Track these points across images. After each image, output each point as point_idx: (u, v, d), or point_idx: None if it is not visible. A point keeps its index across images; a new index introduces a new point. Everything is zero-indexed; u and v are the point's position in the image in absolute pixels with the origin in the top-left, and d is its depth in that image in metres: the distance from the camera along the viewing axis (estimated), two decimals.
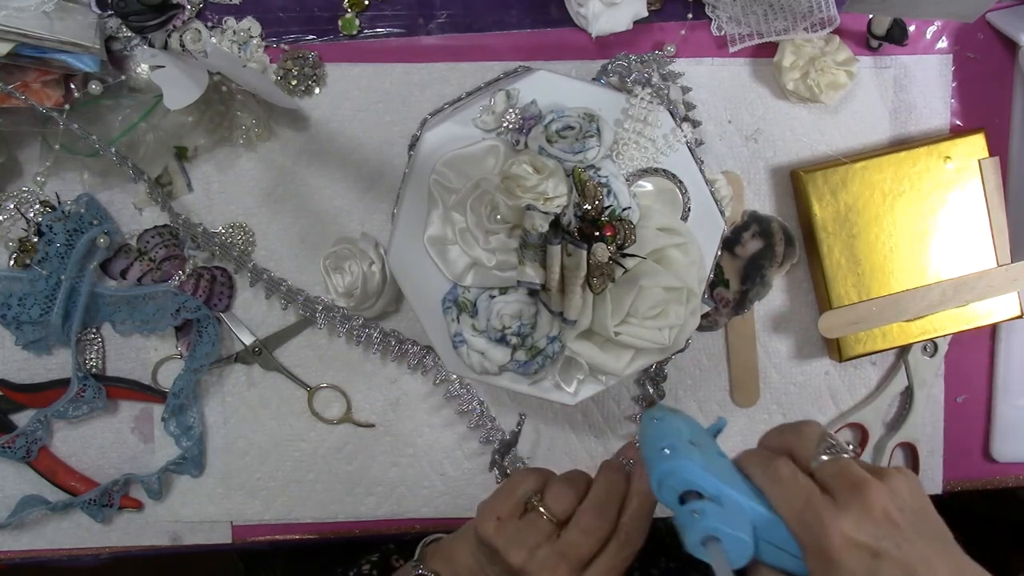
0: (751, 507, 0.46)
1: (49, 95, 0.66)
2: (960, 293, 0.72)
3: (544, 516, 0.55)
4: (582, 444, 0.77)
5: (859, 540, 0.43)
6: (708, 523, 0.45)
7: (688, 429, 0.51)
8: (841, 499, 0.44)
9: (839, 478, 0.45)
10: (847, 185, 0.72)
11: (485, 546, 0.56)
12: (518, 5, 0.72)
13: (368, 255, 0.70)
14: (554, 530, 0.54)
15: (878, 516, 0.43)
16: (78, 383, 0.71)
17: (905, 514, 0.44)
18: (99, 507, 0.74)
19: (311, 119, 0.73)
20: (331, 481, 0.76)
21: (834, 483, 0.45)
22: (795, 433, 0.49)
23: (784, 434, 0.50)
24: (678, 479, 0.47)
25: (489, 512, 0.56)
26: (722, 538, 0.45)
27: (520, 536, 0.54)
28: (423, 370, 0.74)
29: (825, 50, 0.71)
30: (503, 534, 0.55)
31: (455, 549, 0.60)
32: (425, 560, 0.62)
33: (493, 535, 0.55)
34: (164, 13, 0.66)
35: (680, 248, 0.60)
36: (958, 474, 0.80)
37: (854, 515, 0.43)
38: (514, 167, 0.57)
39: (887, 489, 0.44)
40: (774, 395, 0.77)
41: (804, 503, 0.45)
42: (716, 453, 0.50)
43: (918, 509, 0.45)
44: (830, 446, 0.47)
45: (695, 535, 0.45)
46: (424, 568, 0.60)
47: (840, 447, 0.47)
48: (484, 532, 0.55)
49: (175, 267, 0.72)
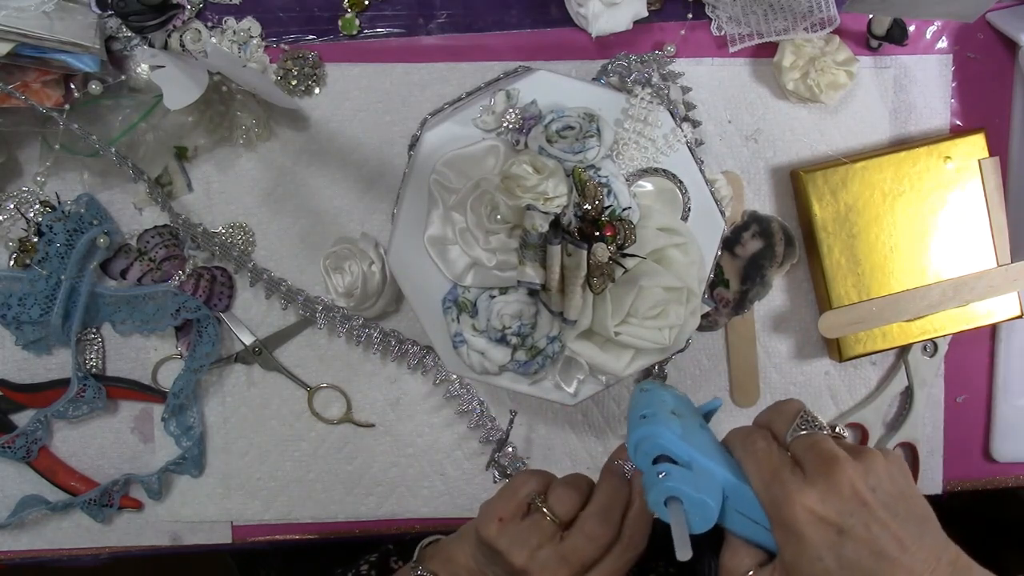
0: (722, 475, 0.47)
1: (49, 95, 0.66)
2: (960, 293, 0.72)
3: (547, 517, 0.55)
4: (582, 444, 0.77)
5: (823, 515, 0.43)
6: (671, 484, 0.46)
7: (673, 401, 0.52)
8: (809, 472, 0.44)
9: (810, 452, 0.45)
10: (847, 185, 0.72)
11: (486, 547, 0.56)
12: (518, 5, 0.72)
13: (368, 255, 0.70)
14: (557, 531, 0.54)
15: (846, 493, 0.43)
16: (78, 383, 0.71)
17: (878, 494, 0.44)
18: (99, 507, 0.74)
19: (311, 119, 0.73)
20: (331, 481, 0.76)
21: (804, 456, 0.45)
22: (776, 410, 0.50)
23: (768, 411, 0.50)
24: (651, 443, 0.48)
25: (491, 513, 0.56)
26: (684, 500, 0.46)
27: (523, 537, 0.54)
28: (423, 370, 0.74)
29: (825, 50, 0.71)
30: (505, 535, 0.55)
31: (454, 550, 0.60)
32: (424, 561, 0.61)
33: (495, 536, 0.55)
34: (164, 13, 0.66)
35: (680, 248, 0.60)
36: (958, 474, 0.80)
37: (819, 489, 0.43)
38: (514, 167, 0.57)
39: (860, 467, 0.44)
40: (774, 395, 0.77)
41: (772, 474, 0.45)
42: (698, 426, 0.51)
43: (897, 492, 0.45)
44: (806, 421, 0.47)
45: (657, 495, 0.47)
46: (423, 569, 0.60)
47: (817, 423, 0.47)
48: (486, 533, 0.55)
49: (175, 267, 0.72)
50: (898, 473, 0.46)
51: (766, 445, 0.47)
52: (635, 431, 0.49)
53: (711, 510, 0.46)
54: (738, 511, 0.47)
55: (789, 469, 0.45)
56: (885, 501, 0.44)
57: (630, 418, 0.52)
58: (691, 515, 0.46)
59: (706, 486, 0.47)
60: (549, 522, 0.54)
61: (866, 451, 0.46)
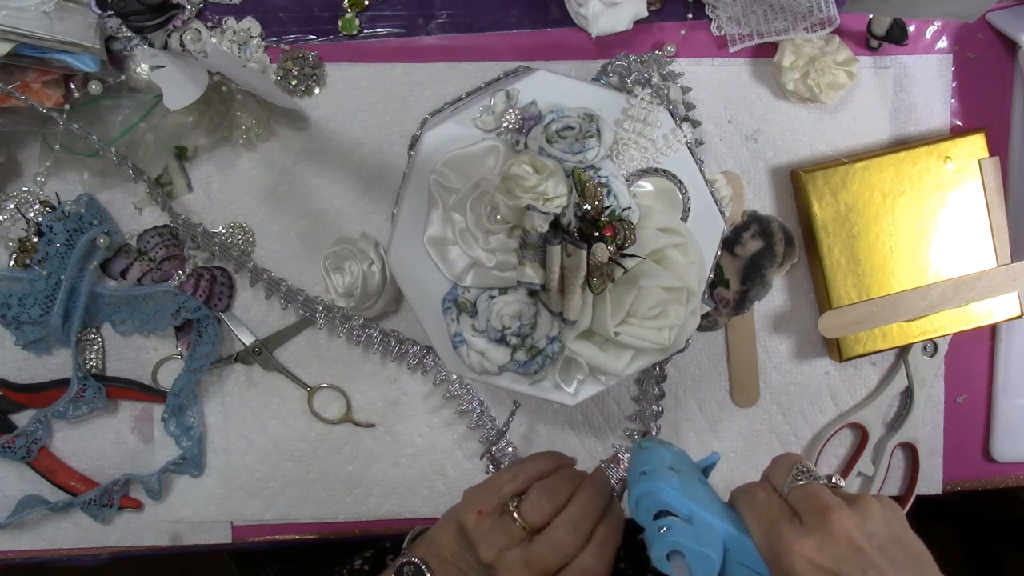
0: (723, 527, 0.48)
1: (49, 95, 0.66)
2: (960, 293, 0.72)
3: (517, 523, 0.56)
4: (582, 444, 0.77)
5: (821, 563, 0.44)
6: (673, 538, 0.47)
7: (671, 457, 0.54)
8: (806, 522, 0.46)
9: (806, 501, 0.47)
10: (847, 185, 0.72)
11: (463, 534, 0.58)
12: (518, 5, 0.72)
13: (368, 255, 0.70)
14: (526, 536, 0.56)
15: (841, 540, 0.44)
16: (78, 383, 0.71)
17: (874, 541, 0.45)
18: (99, 507, 0.74)
19: (311, 119, 0.73)
20: (331, 481, 0.76)
21: (801, 506, 0.47)
22: (773, 463, 0.51)
23: (768, 467, 0.52)
24: (652, 499, 0.49)
25: (472, 503, 0.58)
26: (687, 553, 0.47)
27: (493, 535, 0.56)
28: (423, 370, 0.74)
29: (825, 50, 0.71)
30: (480, 528, 0.56)
31: (438, 533, 0.62)
32: (411, 551, 0.63)
33: (472, 527, 0.57)
34: (164, 13, 0.66)
35: (680, 248, 0.60)
36: (958, 474, 0.80)
37: (816, 538, 0.44)
38: (514, 167, 0.57)
39: (856, 515, 0.46)
40: (774, 395, 0.77)
41: (770, 523, 0.47)
42: (697, 480, 0.52)
43: (893, 537, 0.46)
44: (803, 472, 0.49)
45: (660, 549, 0.48)
46: (409, 556, 0.62)
47: (812, 473, 0.49)
48: (465, 521, 0.57)
49: (175, 267, 0.72)
50: (893, 518, 0.47)
51: (765, 496, 0.49)
52: (635, 487, 0.50)
53: (713, 563, 0.47)
54: (740, 563, 0.48)
55: (787, 519, 0.46)
56: (881, 547, 0.45)
57: (630, 476, 0.53)
58: (694, 568, 0.47)
59: (708, 539, 0.47)
60: (519, 527, 0.56)
61: (861, 498, 0.47)
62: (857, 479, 0.78)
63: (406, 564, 0.60)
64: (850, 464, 0.78)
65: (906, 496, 0.79)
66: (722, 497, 0.52)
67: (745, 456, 0.78)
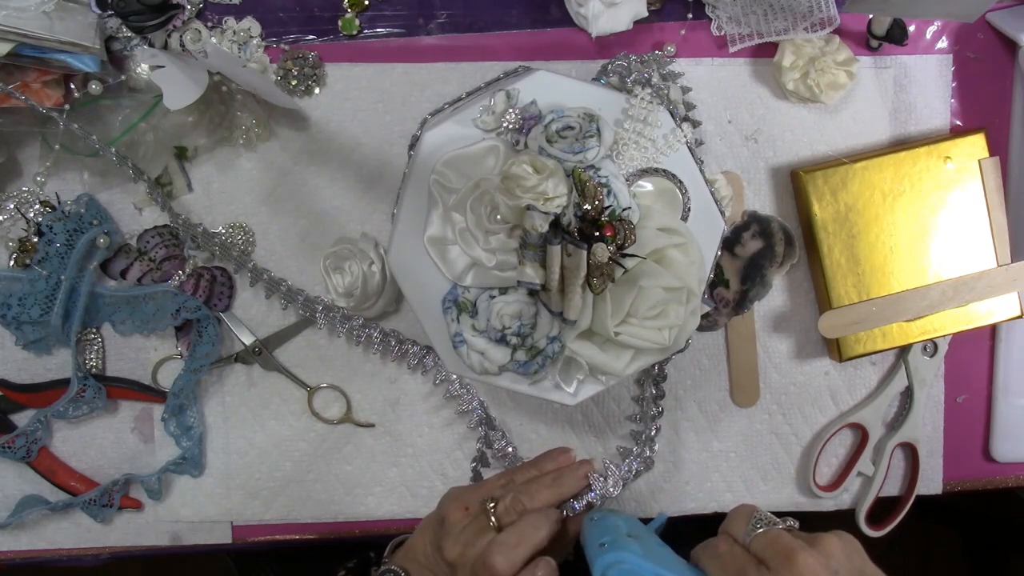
0: None
1: (49, 95, 0.66)
2: (960, 293, 0.72)
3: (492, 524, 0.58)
4: (582, 444, 0.77)
5: None
6: None
7: (626, 524, 0.55)
8: (773, 567, 0.47)
9: (770, 548, 0.48)
10: (847, 185, 0.72)
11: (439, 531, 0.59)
12: (518, 5, 0.72)
13: (368, 255, 0.70)
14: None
15: None
16: (78, 383, 0.71)
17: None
18: (99, 507, 0.74)
19: (311, 119, 0.73)
20: (331, 481, 0.76)
21: (766, 553, 0.48)
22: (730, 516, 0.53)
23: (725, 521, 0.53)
24: (618, 570, 0.50)
25: (460, 500, 0.60)
26: None
27: (465, 533, 0.58)
28: (423, 370, 0.74)
29: (825, 50, 0.71)
30: (457, 525, 0.58)
31: (415, 540, 0.64)
32: (392, 559, 0.64)
33: (452, 523, 0.59)
34: (164, 13, 0.67)
35: (680, 248, 0.60)
36: (958, 474, 0.80)
37: None
38: (514, 167, 0.57)
39: (819, 554, 0.47)
40: (774, 395, 0.77)
41: (738, 574, 0.48)
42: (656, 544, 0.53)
43: (856, 571, 0.47)
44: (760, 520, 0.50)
45: None
46: (388, 564, 0.63)
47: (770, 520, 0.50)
48: (449, 516, 0.59)
49: (175, 267, 0.72)
50: (854, 553, 0.49)
51: (728, 548, 0.50)
52: (598, 559, 0.51)
53: None
54: None
55: (754, 568, 0.48)
56: None
57: (589, 550, 0.54)
58: None
59: None
60: (493, 527, 0.57)
61: (821, 538, 0.49)
62: (857, 479, 0.78)
63: (386, 572, 0.61)
64: (850, 464, 0.78)
65: (906, 496, 0.79)
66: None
67: (745, 456, 0.78)
